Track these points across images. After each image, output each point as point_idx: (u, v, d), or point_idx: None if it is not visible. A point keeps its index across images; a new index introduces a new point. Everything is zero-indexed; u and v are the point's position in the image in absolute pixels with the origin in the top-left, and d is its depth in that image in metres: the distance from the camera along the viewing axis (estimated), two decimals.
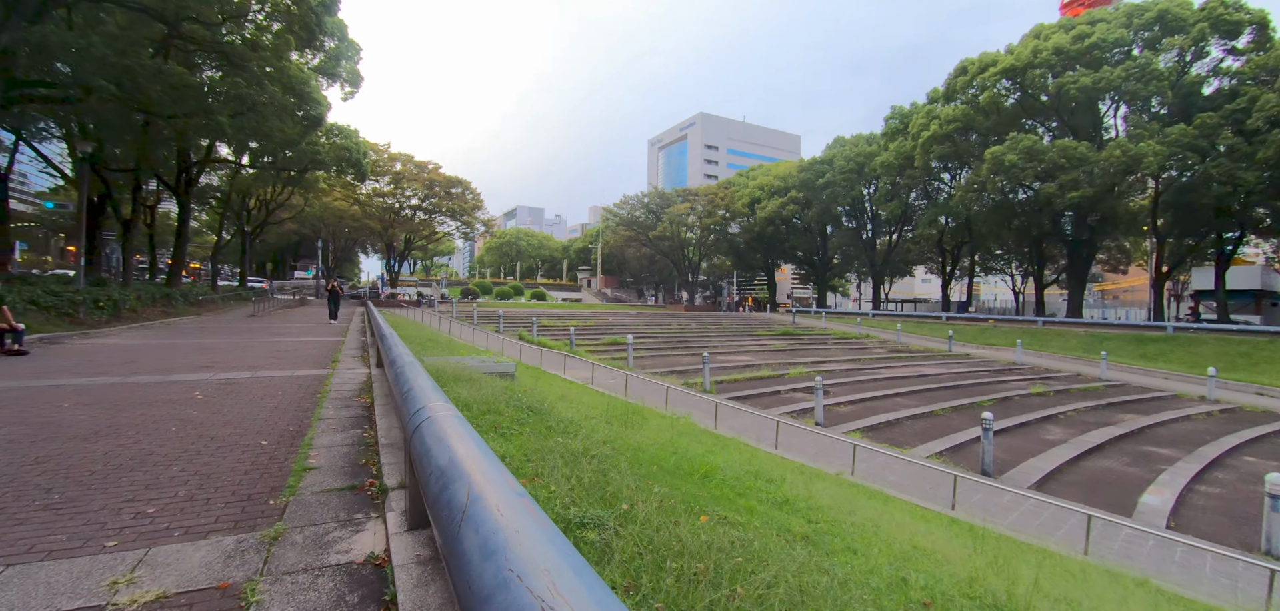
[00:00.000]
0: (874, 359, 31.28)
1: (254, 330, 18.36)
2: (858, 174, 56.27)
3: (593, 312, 48.83)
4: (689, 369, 23.91)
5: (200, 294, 34.13)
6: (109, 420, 5.91)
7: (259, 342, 14.43)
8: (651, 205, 70.35)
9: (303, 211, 54.88)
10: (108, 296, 20.08)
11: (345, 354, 12.28)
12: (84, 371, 9.19)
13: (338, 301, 22.67)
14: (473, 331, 25.84)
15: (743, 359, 28.44)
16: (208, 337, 15.55)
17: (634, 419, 8.51)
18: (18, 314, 15.03)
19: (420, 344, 14.51)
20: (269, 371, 9.52)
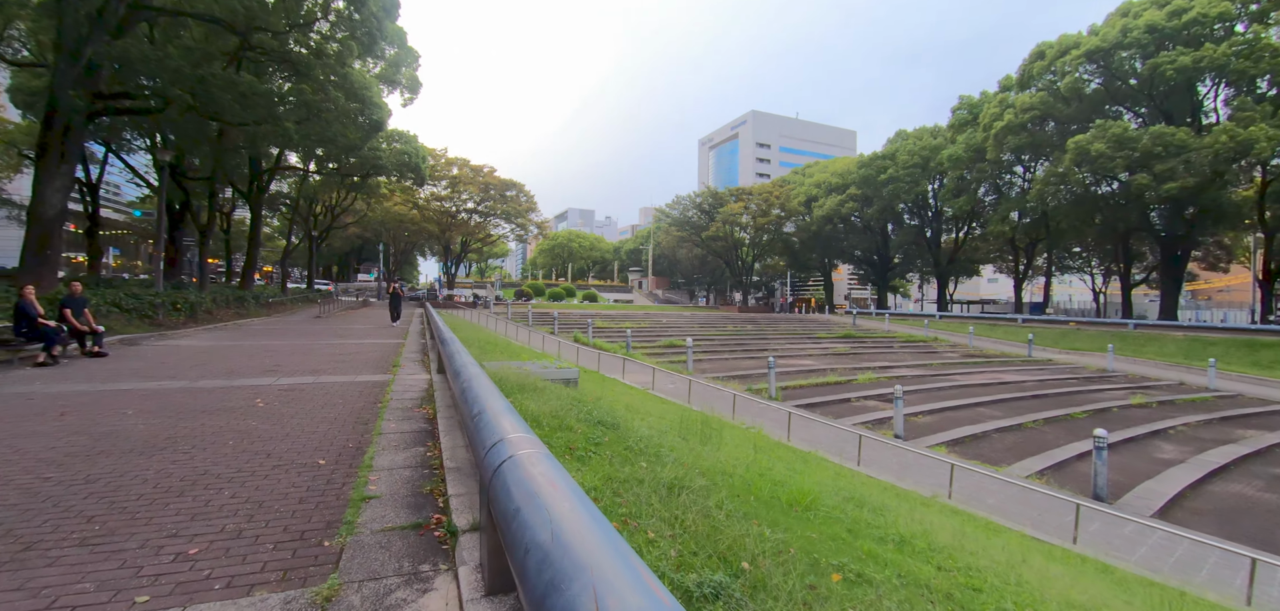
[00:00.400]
0: (946, 364, 29.39)
1: (318, 332, 18.59)
2: (922, 169, 53.62)
3: (645, 314, 48.30)
4: (751, 373, 22.94)
5: (270, 296, 35.48)
6: (169, 431, 5.63)
7: (322, 346, 14.45)
8: (704, 204, 69.22)
9: (365, 216, 56.72)
10: (185, 299, 20.83)
11: (406, 358, 12.05)
12: (155, 375, 9.18)
13: (399, 303, 22.86)
14: (528, 333, 25.67)
15: (805, 363, 27.21)
16: (274, 340, 15.74)
17: (710, 433, 7.78)
18: (102, 316, 15.61)
19: (480, 347, 14.21)
20: (331, 376, 9.28)
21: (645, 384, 17.30)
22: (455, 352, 6.10)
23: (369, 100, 20.55)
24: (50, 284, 15.61)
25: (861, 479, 9.66)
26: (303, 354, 12.55)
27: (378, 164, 30.69)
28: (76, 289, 11.88)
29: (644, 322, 39.47)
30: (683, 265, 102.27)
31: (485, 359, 12.30)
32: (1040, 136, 44.28)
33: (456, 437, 5.18)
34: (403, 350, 13.19)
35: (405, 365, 10.80)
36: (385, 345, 14.80)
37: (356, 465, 4.60)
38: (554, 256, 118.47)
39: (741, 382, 20.87)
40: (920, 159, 53.19)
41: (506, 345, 18.47)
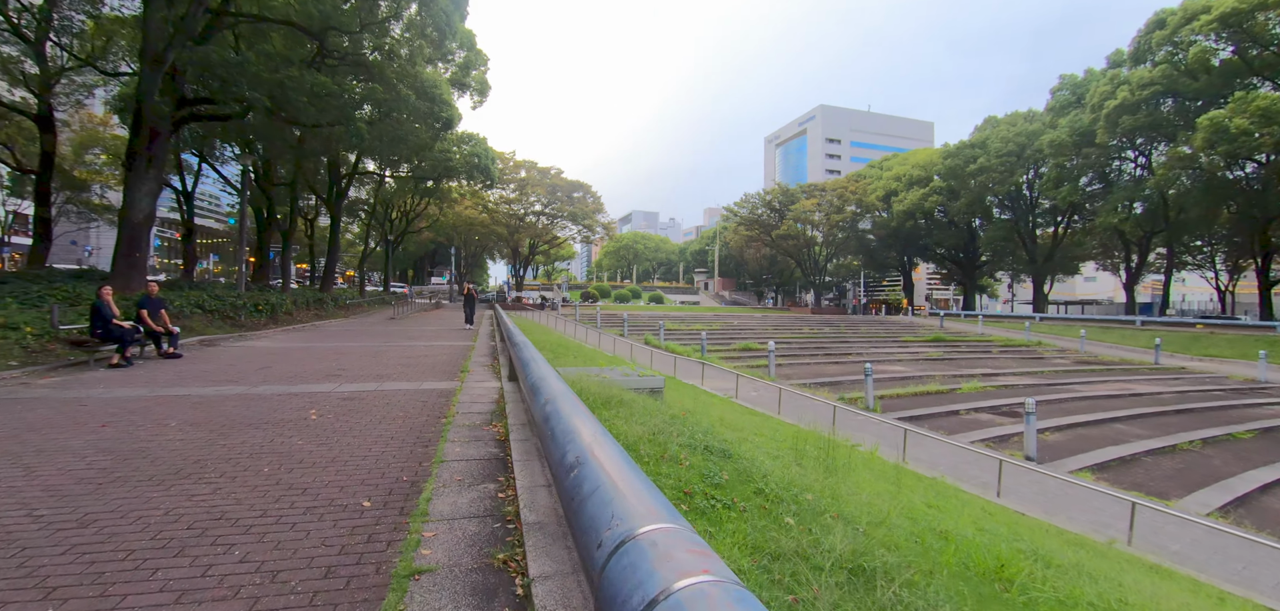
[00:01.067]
0: (1059, 372, 26.25)
1: (390, 334, 18.29)
2: (1017, 157, 49.21)
3: (715, 316, 46.66)
4: (839, 380, 21.04)
5: (348, 299, 36.42)
6: (204, 450, 4.78)
7: (392, 348, 13.91)
8: (774, 202, 66.71)
9: (437, 220, 58.00)
10: (265, 301, 21.15)
11: (475, 361, 11.20)
12: (218, 378, 8.65)
13: (474, 305, 22.61)
14: (598, 336, 24.76)
15: (897, 369, 24.90)
16: (346, 341, 15.41)
17: (832, 459, 6.34)
18: (185, 317, 15.77)
19: (552, 351, 13.24)
20: (395, 383, 8.45)
21: (727, 391, 15.87)
22: (531, 361, 4.98)
23: (439, 99, 20.24)
24: (139, 286, 15.92)
25: (1012, 516, 7.90)
26: (370, 357, 11.96)
27: (449, 166, 30.74)
28: (153, 290, 11.74)
29: (715, 325, 37.89)
30: (750, 266, 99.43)
31: (559, 363, 11.28)
32: (1159, 116, 39.48)
33: (535, 471, 4.01)
34: (472, 354, 12.38)
35: (474, 371, 9.89)
36: (454, 348, 14.10)
37: (409, 510, 3.51)
38: (619, 258, 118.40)
39: (830, 390, 19.04)
40: (1015, 146, 48.82)
41: (578, 348, 17.50)
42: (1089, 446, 14.27)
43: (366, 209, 46.79)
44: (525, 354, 5.49)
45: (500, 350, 12.85)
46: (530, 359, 5.08)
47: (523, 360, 5.34)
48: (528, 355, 5.34)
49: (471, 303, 22.21)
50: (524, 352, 5.62)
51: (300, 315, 24.66)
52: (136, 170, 15.74)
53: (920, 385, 20.57)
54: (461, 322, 23.27)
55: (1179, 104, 39.54)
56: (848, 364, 26.41)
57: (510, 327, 9.87)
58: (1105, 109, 39.74)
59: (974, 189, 53.55)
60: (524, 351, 5.82)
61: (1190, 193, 39.18)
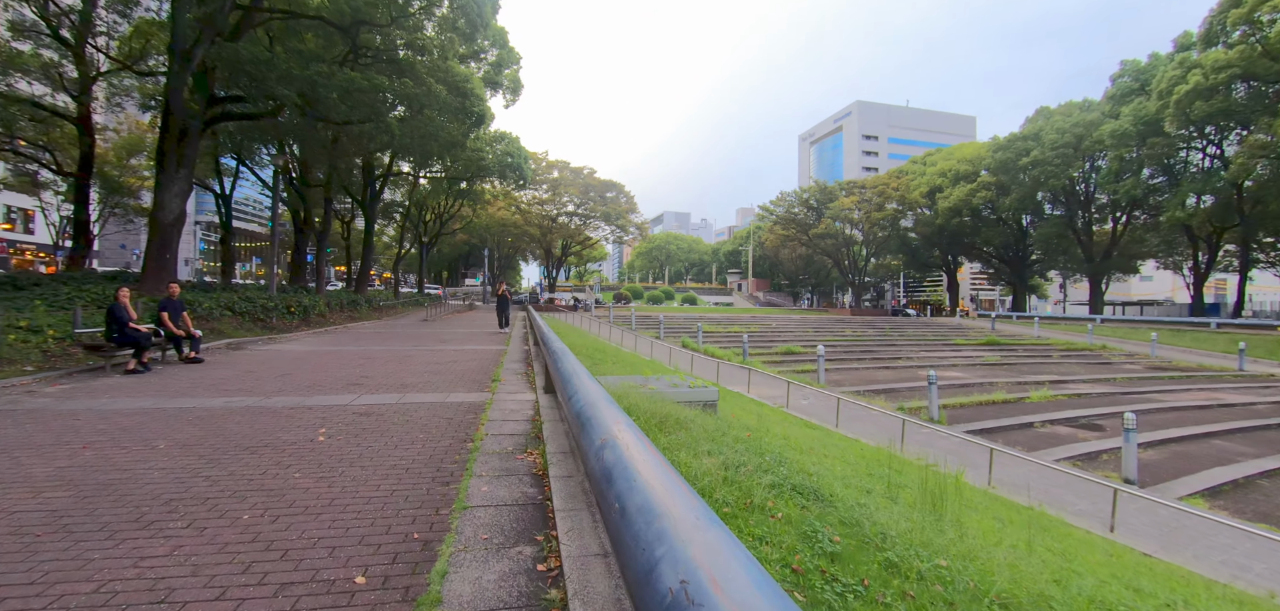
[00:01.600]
0: (1133, 380, 24.20)
1: (421, 336, 17.66)
2: (1073, 149, 46.42)
3: (751, 317, 45.26)
4: (894, 387, 19.62)
5: (382, 301, 36.32)
6: (182, 484, 3.94)
7: (420, 353, 13.17)
8: (811, 200, 64.80)
9: (471, 222, 57.98)
10: (297, 303, 20.81)
11: (507, 368, 10.33)
12: (231, 388, 7.94)
13: (507, 307, 21.60)
14: (634, 339, 23.80)
15: (953, 375, 23.26)
16: (374, 344, 14.77)
17: (938, 496, 5.20)
18: (213, 319, 15.35)
19: (589, 356, 12.31)
20: (418, 395, 7.60)
21: (777, 400, 14.69)
22: (572, 375, 4.01)
23: (470, 93, 19.59)
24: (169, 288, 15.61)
25: (1146, 564, 6.59)
26: (397, 362, 11.20)
27: (482, 165, 30.24)
28: (174, 292, 11.22)
29: (753, 327, 36.56)
30: (785, 266, 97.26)
31: (598, 370, 10.32)
32: (1233, 102, 36.58)
33: (584, 527, 3.02)
34: (504, 359, 11.52)
35: (506, 380, 9.00)
36: (486, 353, 13.29)
37: (416, 592, 2.55)
38: (651, 259, 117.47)
39: (886, 398, 17.66)
40: (1072, 138, 46.05)
41: (616, 353, 16.54)
42: (1191, 466, 12.65)
43: (401, 211, 46.86)
44: (565, 367, 4.52)
45: (534, 355, 11.98)
46: (571, 373, 4.11)
47: (563, 376, 4.38)
48: (568, 368, 4.38)
49: (505, 305, 21.31)
50: (563, 365, 4.65)
51: (333, 317, 24.36)
52: (166, 170, 15.42)
53: (983, 393, 18.98)
54: (494, 325, 22.58)
55: (1253, 89, 36.61)
56: (899, 369, 24.86)
57: (546, 332, 8.96)
58: (1175, 95, 37.00)
59: (1025, 184, 50.85)
60: (561, 360, 4.86)
61: (1270, 184, 36.19)
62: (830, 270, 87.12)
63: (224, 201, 29.35)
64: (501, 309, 21.12)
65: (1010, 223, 57.87)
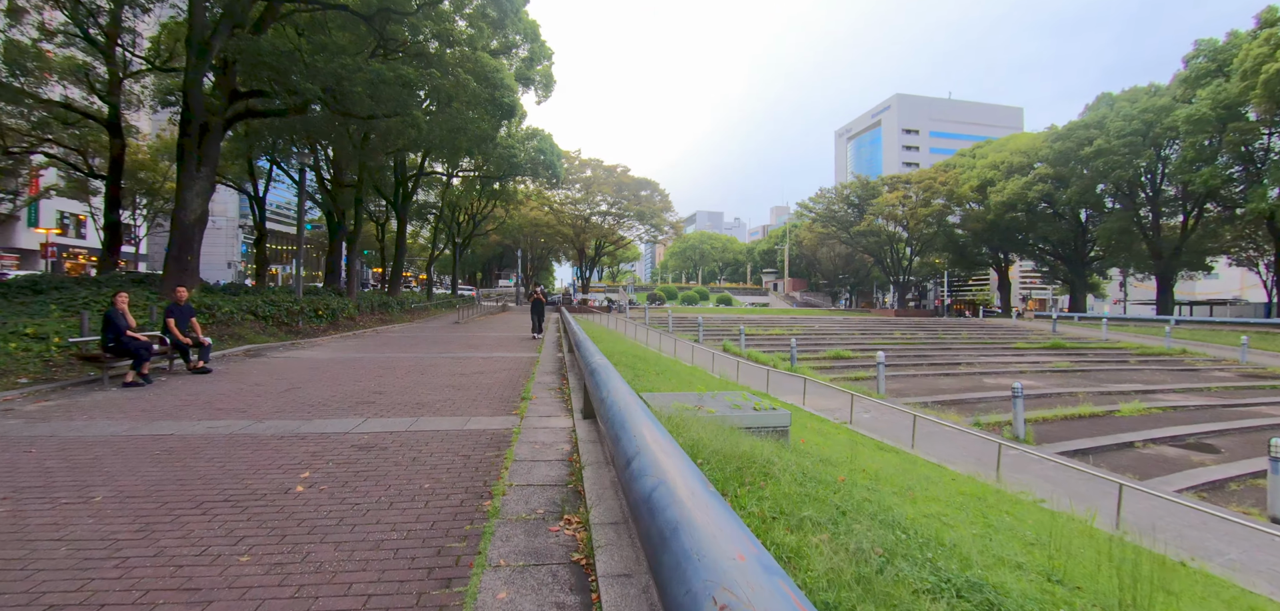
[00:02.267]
0: (1229, 390, 21.73)
1: (449, 341, 16.68)
2: (1142, 137, 43.10)
3: (792, 319, 43.39)
4: (962, 397, 17.83)
5: (415, 302, 35.87)
6: (78, 575, 2.78)
7: (445, 362, 12.10)
8: (852, 197, 62.31)
9: (504, 223, 57.53)
10: (326, 306, 20.14)
11: (539, 381, 9.13)
12: (226, 406, 6.93)
13: (542, 312, 19.70)
14: (674, 343, 22.44)
15: (1025, 384, 21.20)
16: (399, 351, 13.80)
17: (1125, 573, 3.74)
18: (234, 325, 14.62)
19: (630, 366, 11.04)
20: (434, 421, 6.42)
21: (838, 414, 13.16)
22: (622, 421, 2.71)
23: (500, 84, 18.57)
24: (192, 289, 14.97)
25: None
26: (418, 373, 10.12)
27: (514, 163, 29.34)
28: (181, 296, 10.36)
29: (796, 328, 34.79)
30: (823, 265, 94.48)
31: (641, 383, 9.04)
32: None
33: None
34: (536, 370, 10.32)
35: (537, 397, 7.79)
36: (516, 362, 12.14)
37: None
38: (685, 259, 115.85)
39: (957, 411, 15.91)
40: (1140, 125, 42.78)
41: (657, 359, 15.22)
42: None
43: (435, 212, 46.55)
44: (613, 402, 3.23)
45: (569, 364, 10.76)
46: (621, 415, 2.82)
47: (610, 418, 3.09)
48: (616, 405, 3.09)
49: (540, 309, 19.67)
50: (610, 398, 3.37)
51: (364, 320, 23.71)
52: (187, 169, 14.76)
53: (1065, 405, 16.99)
54: (526, 329, 21.51)
55: None
56: (961, 376, 22.90)
57: (582, 342, 7.72)
58: (1263, 74, 33.77)
59: (1086, 176, 47.64)
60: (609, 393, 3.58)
61: None
62: (871, 269, 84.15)
63: (257, 203, 29.13)
64: (536, 313, 19.55)
65: (1068, 217, 54.42)
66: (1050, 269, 66.85)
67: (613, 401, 3.22)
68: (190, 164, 14.70)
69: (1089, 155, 44.95)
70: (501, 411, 6.82)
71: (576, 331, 10.12)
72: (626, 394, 3.43)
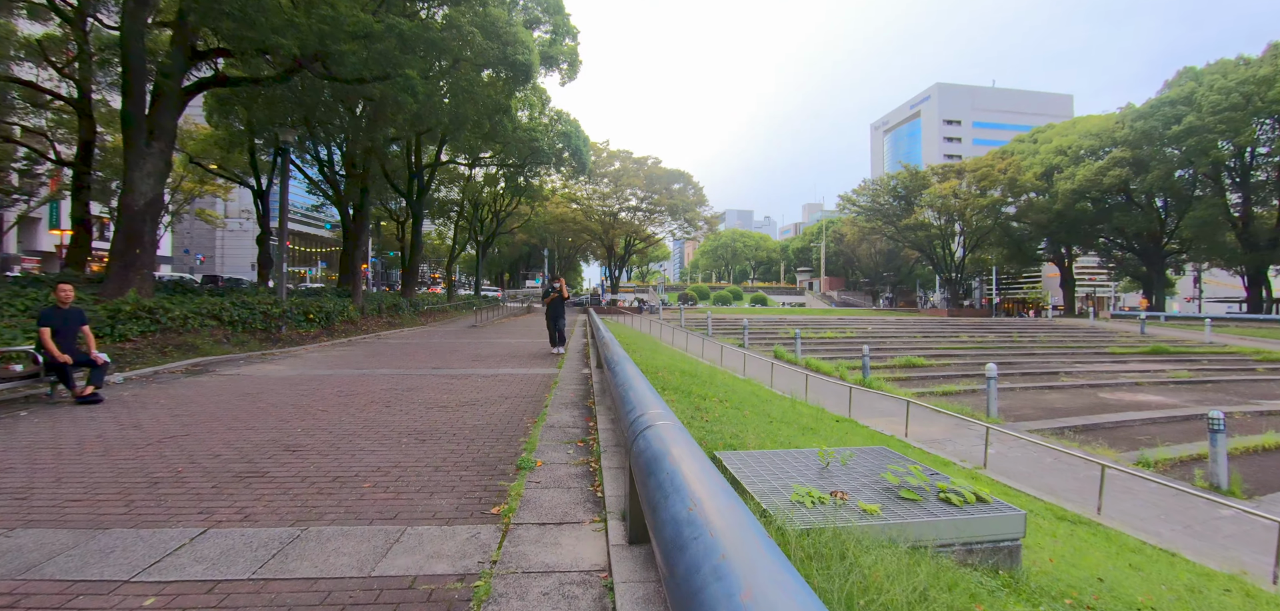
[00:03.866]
0: None
1: (452, 352, 13.73)
2: (1243, 111, 38.04)
3: (841, 321, 39.61)
4: (1091, 421, 14.14)
5: (432, 303, 33.29)
6: None
7: (431, 383, 9.09)
8: (899, 187, 57.87)
9: (530, 220, 54.87)
10: (318, 309, 17.45)
11: (551, 430, 6.00)
12: (9, 484, 3.98)
13: (562, 315, 14.00)
14: (720, 350, 19.19)
15: (1147, 399, 17.39)
16: (381, 365, 10.86)
17: None
18: (187, 332, 11.89)
19: (680, 388, 7.83)
20: (331, 541, 3.31)
21: (962, 454, 9.74)
22: None
23: (512, 39, 15.51)
24: (145, 293, 12.32)
25: None
26: (382, 407, 7.09)
27: (536, 149, 26.40)
28: (64, 297, 7.52)
29: (848, 331, 31.16)
30: (862, 262, 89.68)
31: (708, 428, 5.85)
32: None
33: None
34: (549, 405, 7.17)
35: (546, 460, 4.65)
36: (525, 384, 9.05)
37: None
38: (716, 258, 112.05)
39: (1098, 439, 12.27)
40: (1240, 99, 37.76)
41: (710, 375, 11.96)
42: None
43: (456, 209, 44.11)
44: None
45: (598, 391, 7.63)
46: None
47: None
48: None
49: (559, 312, 14.02)
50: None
51: (366, 324, 21.03)
52: (133, 143, 12.10)
53: (1246, 436, 13.15)
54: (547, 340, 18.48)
55: None
56: (1068, 390, 19.08)
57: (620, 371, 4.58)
58: None
59: (1172, 158, 42.70)
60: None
61: None
62: (913, 266, 79.15)
63: (260, 198, 26.85)
64: (554, 319, 13.89)
65: (1147, 206, 49.20)
66: (1118, 264, 61.31)
67: None
68: (137, 137, 12.02)
69: (1178, 134, 40.04)
70: (472, 508, 3.66)
71: (606, 338, 6.98)
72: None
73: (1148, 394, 18.03)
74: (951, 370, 21.74)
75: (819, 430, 8.25)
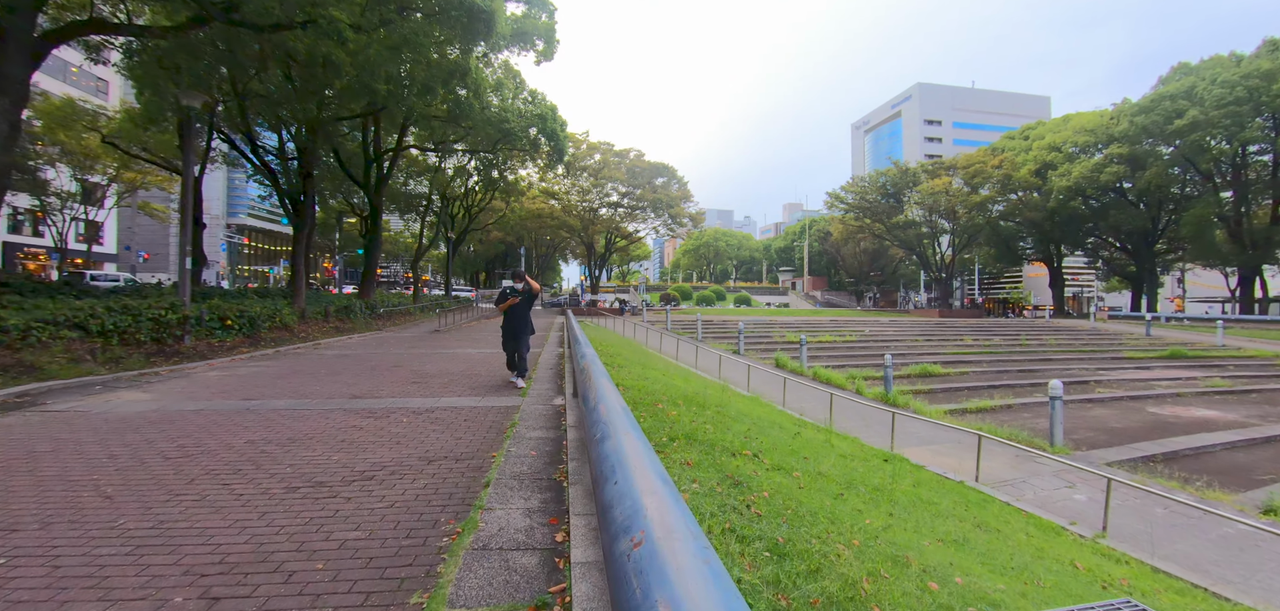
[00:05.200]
0: None
1: (393, 372, 10.97)
2: (1250, 105, 36.76)
3: (831, 322, 37.41)
4: (1167, 448, 11.87)
5: (394, 304, 30.22)
6: None
7: (335, 432, 6.38)
8: (889, 184, 56.06)
9: (505, 216, 51.84)
10: (241, 312, 14.51)
11: (477, 563, 3.36)
12: None
13: (525, 328, 9.04)
14: (718, 361, 16.69)
15: (1202, 413, 15.30)
16: (287, 397, 8.06)
17: None
18: (30, 348, 8.96)
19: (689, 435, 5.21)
20: None
21: (1075, 514, 7.31)
22: None
23: None
24: None
25: None
26: (220, 484, 4.39)
27: (507, 130, 23.61)
28: None
29: (848, 334, 28.96)
30: (847, 262, 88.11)
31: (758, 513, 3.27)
32: None
33: None
34: (492, 479, 4.48)
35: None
36: (464, 430, 6.40)
37: None
38: (697, 257, 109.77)
39: (1199, 474, 9.97)
40: (1245, 93, 36.45)
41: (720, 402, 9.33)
42: None
43: (424, 203, 41.00)
44: None
45: (574, 446, 5.00)
46: None
47: None
48: None
49: (521, 323, 9.05)
50: None
51: (309, 329, 18.10)
52: None
53: None
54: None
55: None
56: (1111, 404, 16.92)
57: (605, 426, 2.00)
58: None
59: (1171, 154, 41.48)
60: None
61: None
62: (899, 265, 77.75)
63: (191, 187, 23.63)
64: (516, 334, 9.01)
65: (1142, 204, 48.03)
66: (1106, 264, 60.41)
67: None
68: None
69: (1181, 129, 38.63)
70: None
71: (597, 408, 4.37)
72: None
73: (1200, 409, 15.97)
74: (973, 379, 19.54)
75: (894, 493, 5.74)
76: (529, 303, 9.13)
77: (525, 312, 9.03)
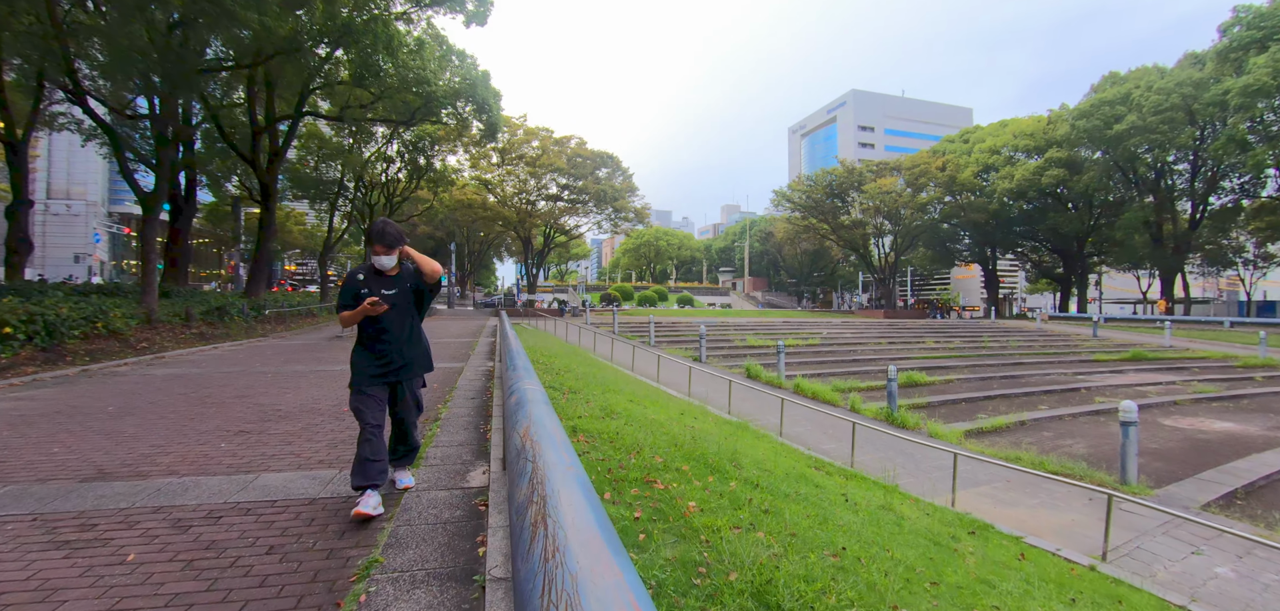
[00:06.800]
0: None
1: (234, 402, 7.35)
2: (1184, 112, 37.53)
3: (785, 324, 35.38)
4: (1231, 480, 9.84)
5: (294, 304, 25.59)
6: None
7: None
8: (836, 184, 55.12)
9: (432, 208, 47.18)
10: (35, 316, 10.31)
11: None
12: None
13: (402, 361, 3.78)
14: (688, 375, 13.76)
15: (1218, 425, 13.70)
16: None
17: None
18: None
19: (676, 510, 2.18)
20: None
21: (1214, 605, 4.73)
22: None
23: None
24: None
25: None
26: None
27: (428, 95, 19.82)
28: None
29: (813, 339, 26.80)
30: (788, 263, 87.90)
31: None
32: None
33: None
34: None
35: None
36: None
37: None
38: (639, 257, 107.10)
39: (1268, 511, 7.83)
40: (1180, 100, 37.14)
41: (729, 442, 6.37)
42: None
43: (335, 188, 36.02)
44: None
45: None
46: None
47: None
48: None
49: (397, 349, 3.76)
50: None
51: (153, 337, 13.82)
52: None
53: None
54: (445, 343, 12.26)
55: None
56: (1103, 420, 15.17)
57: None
58: None
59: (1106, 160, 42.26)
60: None
61: None
62: (841, 266, 77.98)
63: (13, 154, 18.51)
64: (382, 376, 3.73)
65: (1072, 207, 49.07)
66: (1036, 266, 62.13)
67: None
68: None
69: (1120, 134, 39.07)
70: None
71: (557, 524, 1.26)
72: None
73: (1213, 420, 14.44)
74: (961, 389, 17.56)
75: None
76: (417, 301, 3.95)
77: (406, 326, 3.84)
